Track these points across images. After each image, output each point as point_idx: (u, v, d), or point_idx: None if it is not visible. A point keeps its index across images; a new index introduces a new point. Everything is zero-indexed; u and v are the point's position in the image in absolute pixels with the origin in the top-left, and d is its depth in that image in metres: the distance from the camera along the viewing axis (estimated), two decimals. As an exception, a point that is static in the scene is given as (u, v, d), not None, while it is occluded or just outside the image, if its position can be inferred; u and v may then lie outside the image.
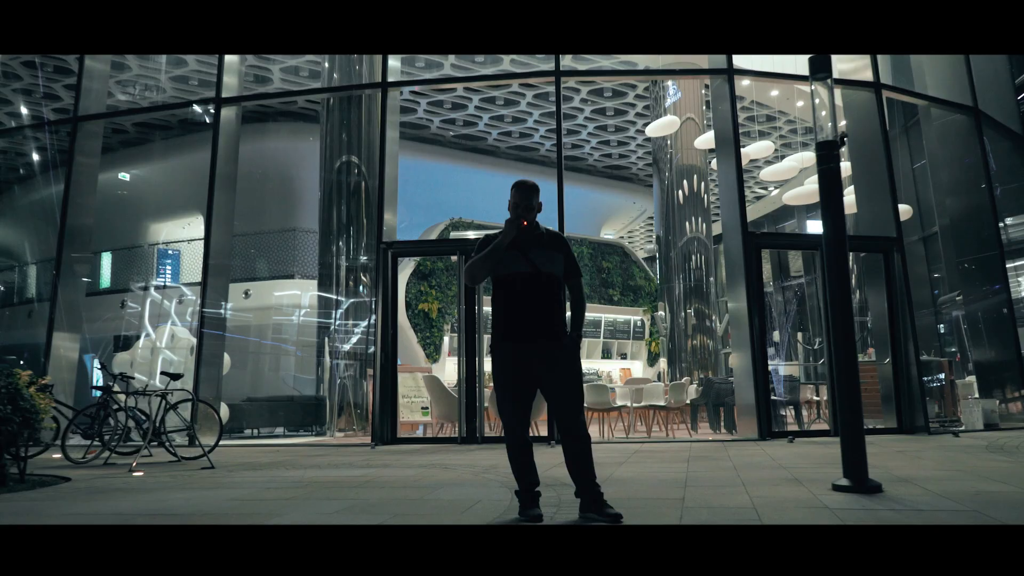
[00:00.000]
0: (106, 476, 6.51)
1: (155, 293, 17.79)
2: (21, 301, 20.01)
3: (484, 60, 16.01)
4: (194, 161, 17.59)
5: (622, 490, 4.70)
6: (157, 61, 15.72)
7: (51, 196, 14.88)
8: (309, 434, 12.28)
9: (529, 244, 3.89)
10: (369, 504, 4.35)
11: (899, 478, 5.07)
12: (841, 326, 4.75)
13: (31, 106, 16.87)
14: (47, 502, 4.83)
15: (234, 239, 12.15)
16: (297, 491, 5.04)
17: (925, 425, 9.65)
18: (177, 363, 12.13)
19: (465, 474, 5.89)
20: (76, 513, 4.29)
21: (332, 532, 3.39)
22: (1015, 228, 14.11)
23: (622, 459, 6.94)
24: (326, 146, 12.93)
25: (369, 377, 11.60)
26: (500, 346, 3.83)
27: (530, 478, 3.78)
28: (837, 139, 4.74)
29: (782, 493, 4.49)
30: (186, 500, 4.70)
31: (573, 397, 3.77)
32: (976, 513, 3.64)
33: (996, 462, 6.08)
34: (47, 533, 3.29)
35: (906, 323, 9.97)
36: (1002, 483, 4.76)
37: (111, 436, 8.01)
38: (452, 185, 20.02)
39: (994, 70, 13.26)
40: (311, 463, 7.25)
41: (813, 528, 3.34)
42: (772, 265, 20.43)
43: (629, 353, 19.65)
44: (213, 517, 3.96)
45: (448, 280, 16.24)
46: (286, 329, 17.12)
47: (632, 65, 15.56)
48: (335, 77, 13.24)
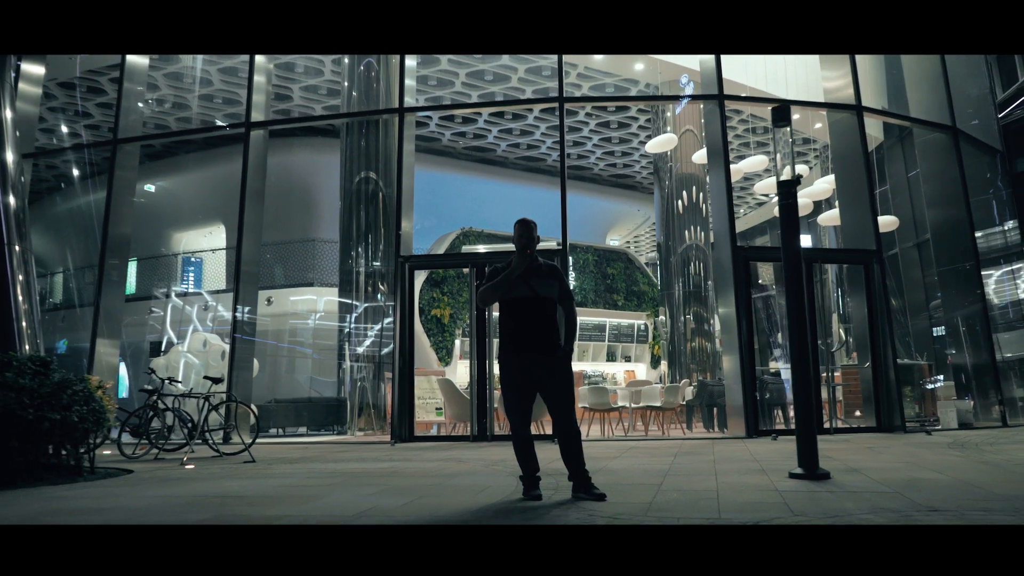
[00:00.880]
0: (162, 468, 7.40)
1: (176, 299, 18.74)
2: (55, 307, 20.93)
3: (493, 78, 16.85)
4: (215, 173, 18.56)
5: (612, 478, 5.53)
6: (185, 81, 16.64)
7: (87, 205, 15.84)
8: (330, 433, 13.13)
9: (531, 273, 4.74)
10: (399, 488, 5.20)
11: (850, 468, 5.89)
12: (798, 342, 5.56)
13: (69, 123, 17.81)
14: (125, 488, 5.70)
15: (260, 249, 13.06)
16: (335, 479, 5.90)
17: (902, 424, 10.45)
18: (212, 367, 13.01)
19: (477, 466, 6.74)
20: (154, 496, 5.16)
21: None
22: (994, 237, 14.79)
23: (617, 454, 7.78)
24: (346, 159, 13.75)
25: (387, 380, 12.48)
26: (506, 357, 4.69)
27: (531, 465, 4.64)
28: (794, 179, 5.56)
29: (745, 480, 5.32)
30: (243, 487, 5.57)
31: (566, 398, 4.62)
32: (898, 495, 4.45)
33: (946, 456, 6.87)
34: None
35: (885, 329, 10.77)
36: (937, 472, 5.57)
37: (158, 434, 8.90)
38: (463, 195, 20.88)
39: (977, 90, 14.04)
40: (339, 458, 8.12)
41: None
42: (775, 268, 21.22)
43: (633, 356, 20.46)
44: (272, 500, 4.82)
45: (459, 287, 17.10)
46: (305, 334, 18.00)
47: (627, 90, 16.39)
48: (354, 95, 14.06)
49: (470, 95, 17.48)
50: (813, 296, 10.92)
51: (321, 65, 16.32)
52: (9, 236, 10.46)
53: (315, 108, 18.26)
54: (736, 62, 13.26)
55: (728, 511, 3.91)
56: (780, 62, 14.01)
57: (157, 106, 17.54)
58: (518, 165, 22.13)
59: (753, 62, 14.03)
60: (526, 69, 16.34)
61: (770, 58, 13.91)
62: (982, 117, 14.00)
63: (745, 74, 14.38)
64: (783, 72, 14.09)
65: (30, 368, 6.40)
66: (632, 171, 23.12)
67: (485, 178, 21.53)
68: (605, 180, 23.80)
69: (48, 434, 6.17)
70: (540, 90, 17.13)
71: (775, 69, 14.11)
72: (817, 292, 15.47)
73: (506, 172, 21.96)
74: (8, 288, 10.32)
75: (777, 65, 14.07)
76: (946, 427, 11.10)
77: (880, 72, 13.80)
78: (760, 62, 14.09)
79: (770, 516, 3.72)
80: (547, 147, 21.03)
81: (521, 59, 15.92)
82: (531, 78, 16.71)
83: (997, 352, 12.04)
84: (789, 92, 13.78)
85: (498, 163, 21.95)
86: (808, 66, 13.57)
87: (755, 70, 14.31)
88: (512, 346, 4.69)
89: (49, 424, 6.09)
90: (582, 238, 21.24)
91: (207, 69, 16.17)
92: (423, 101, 17.46)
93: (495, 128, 19.75)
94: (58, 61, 15.03)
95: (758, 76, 14.46)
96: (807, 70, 13.72)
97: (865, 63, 12.66)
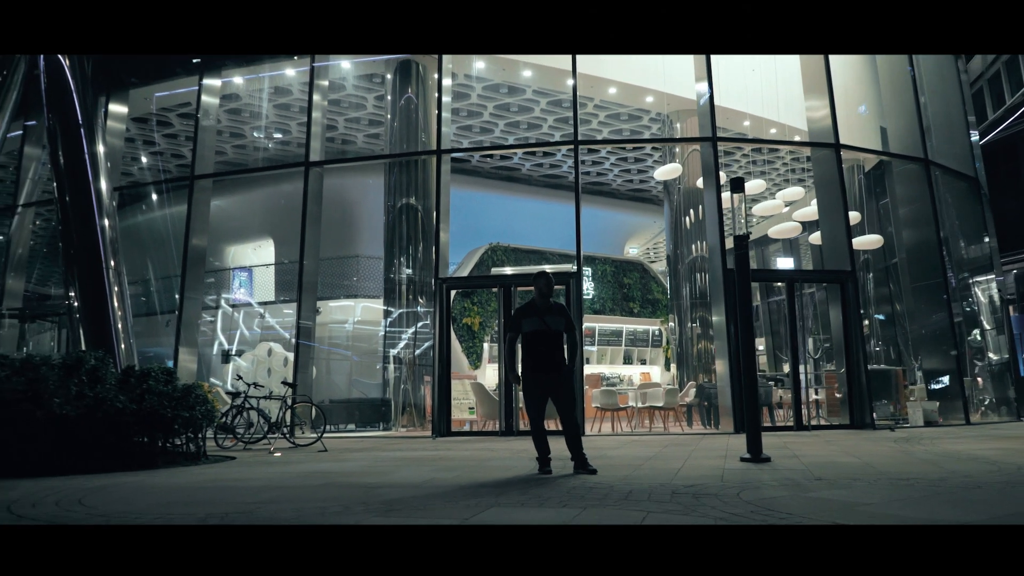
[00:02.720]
0: (256, 456, 9.33)
1: (227, 306, 20.83)
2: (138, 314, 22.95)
3: (518, 109, 18.66)
4: (264, 191, 20.59)
5: (607, 461, 7.34)
6: (243, 115, 18.66)
7: (156, 221, 17.86)
8: (376, 430, 15.04)
9: (544, 311, 6.57)
10: (447, 467, 7.06)
11: (792, 455, 7.65)
12: (746, 353, 7.33)
13: (145, 154, 19.91)
14: (242, 468, 7.62)
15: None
16: (397, 462, 7.77)
17: (871, 422, 12.14)
18: (276, 373, 15.01)
19: (505, 454, 8.59)
20: (271, 473, 7.05)
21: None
22: (974, 250, 16.33)
23: (619, 446, 9.59)
24: (389, 187, 15.64)
25: (425, 382, 14.38)
26: (527, 374, 6.55)
27: (545, 450, 6.48)
28: (746, 235, 7.32)
29: (706, 463, 7.10)
30: (332, 467, 7.45)
31: (569, 403, 6.47)
32: (806, 471, 6.19)
33: (880, 447, 8.59)
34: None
35: (858, 339, 12.46)
36: (855, 458, 7.30)
37: (244, 430, 10.87)
38: (491, 211, 22.68)
39: (954, 125, 15.63)
40: (393, 448, 10.01)
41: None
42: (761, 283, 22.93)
43: (648, 359, 22.20)
44: (361, 474, 6.68)
45: (488, 298, 18.98)
46: (347, 340, 19.94)
47: (639, 118, 18.15)
48: (395, 126, 15.87)
49: (497, 123, 19.32)
50: (794, 309, 12.59)
51: (364, 101, 18.24)
52: (105, 255, 12.57)
53: (358, 137, 20.21)
54: (733, 90, 14.95)
55: (677, 481, 5.70)
56: (772, 89, 15.61)
57: (217, 135, 19.57)
58: (541, 182, 23.92)
59: (748, 90, 15.70)
60: (548, 102, 18.14)
61: (764, 84, 15.52)
62: (960, 147, 15.56)
63: (746, 101, 16.14)
64: (774, 98, 15.72)
65: (162, 378, 8.36)
66: (648, 185, 24.78)
67: (511, 195, 23.34)
68: (623, 194, 25.49)
69: (180, 428, 8.12)
70: (560, 119, 18.91)
71: (768, 96, 15.75)
72: (804, 303, 17.13)
73: (530, 189, 23.76)
74: (106, 298, 12.42)
75: (769, 91, 15.67)
76: (914, 425, 12.74)
77: (860, 104, 15.41)
78: (756, 90, 15.74)
79: (703, 484, 5.50)
80: (568, 166, 22.77)
81: (543, 93, 17.70)
82: (552, 109, 18.49)
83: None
84: (781, 115, 15.44)
85: (523, 181, 23.76)
86: (796, 95, 15.22)
87: (749, 100, 16.03)
88: (531, 365, 6.55)
89: (181, 420, 8.04)
90: (601, 250, 23.01)
91: (262, 104, 18.17)
92: (456, 130, 19.34)
93: (520, 150, 21.56)
94: (136, 98, 17.11)
95: (752, 103, 16.19)
96: (797, 98, 15.38)
97: (846, 96, 14.35)
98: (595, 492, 5.10)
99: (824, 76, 13.52)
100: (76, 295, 12.34)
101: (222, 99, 17.31)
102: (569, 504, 4.56)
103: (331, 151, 21.10)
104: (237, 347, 19.08)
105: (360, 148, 20.85)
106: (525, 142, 20.43)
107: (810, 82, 13.96)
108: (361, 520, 4.12)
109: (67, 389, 7.53)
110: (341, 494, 5.26)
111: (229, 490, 5.74)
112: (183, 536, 3.69)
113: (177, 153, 20.54)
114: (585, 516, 4.12)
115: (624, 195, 25.51)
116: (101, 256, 12.58)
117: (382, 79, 16.91)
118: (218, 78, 15.74)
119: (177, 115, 18.40)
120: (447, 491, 5.34)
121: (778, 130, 19.02)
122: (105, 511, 4.65)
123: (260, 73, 16.64)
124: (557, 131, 20.07)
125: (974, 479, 5.52)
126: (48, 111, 13.04)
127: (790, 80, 14.79)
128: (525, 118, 19.06)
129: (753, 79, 15.66)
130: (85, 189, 12.90)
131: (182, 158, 20.69)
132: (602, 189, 24.90)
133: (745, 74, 15.64)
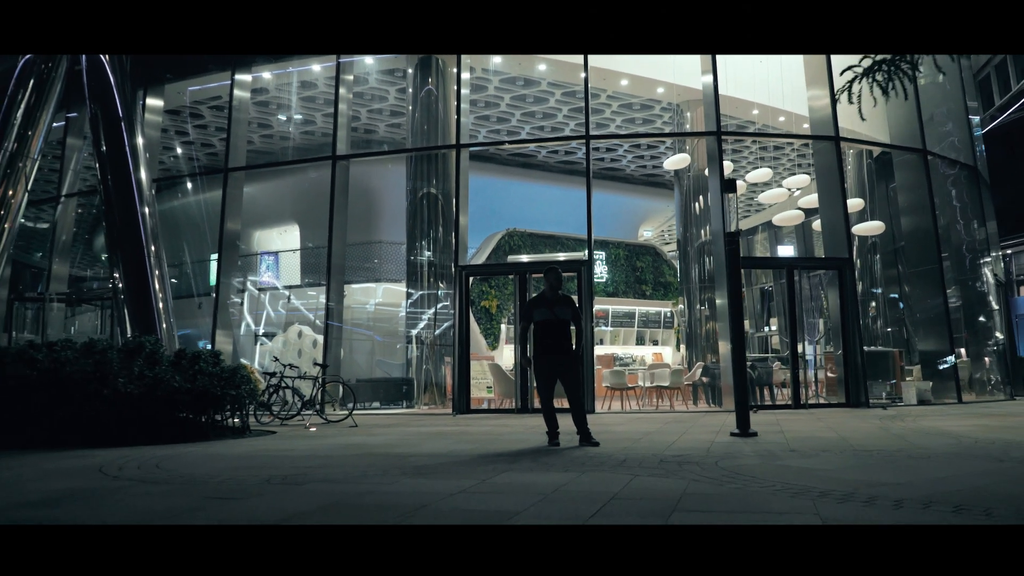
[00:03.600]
0: (293, 430, 10.27)
1: (253, 289, 21.78)
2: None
3: (533, 100, 19.36)
4: (290, 177, 21.46)
5: (610, 436, 8.19)
6: (270, 107, 19.52)
7: (190, 207, 18.76)
8: (399, 407, 15.97)
9: (554, 303, 7.40)
10: (468, 440, 7.93)
11: (779, 431, 8.45)
12: (735, 338, 8.12)
13: (179, 145, 20.84)
14: (285, 440, 8.54)
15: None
16: (423, 436, 8.66)
17: (866, 401, 12.89)
18: (306, 354, 15.98)
19: (520, 429, 9.47)
20: (314, 444, 7.95)
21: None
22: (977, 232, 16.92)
23: (624, 422, 10.44)
24: (411, 176, 16.46)
25: (447, 363, 15.28)
26: (538, 356, 7.39)
27: (554, 425, 7.34)
28: (737, 232, 8.08)
29: (699, 437, 7.92)
30: (366, 440, 8.36)
31: (575, 384, 7.32)
32: (784, 444, 7.00)
33: (863, 424, 9.36)
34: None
35: (854, 323, 13.18)
36: (834, 433, 8.09)
37: (280, 407, 11.82)
38: (508, 197, 23.46)
39: (950, 113, 16.16)
40: (418, 424, 10.92)
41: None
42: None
43: (660, 340, 22.99)
44: (393, 445, 7.58)
45: (504, 282, 19.82)
46: (371, 322, 20.86)
47: (651, 108, 18.79)
48: (416, 117, 16.65)
49: (514, 113, 20.06)
50: (793, 295, 13.32)
51: (386, 93, 19.04)
52: (146, 240, 13.50)
53: (379, 126, 21.03)
54: (742, 80, 15.59)
55: (668, 452, 6.53)
56: (779, 78, 16.18)
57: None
58: (556, 168, 24.64)
59: (756, 79, 16.30)
60: (562, 93, 18.84)
61: (772, 73, 16.09)
62: (960, 136, 16.13)
63: (754, 90, 16.78)
64: (782, 87, 16.30)
65: (211, 360, 9.28)
66: (660, 170, 25.42)
67: (527, 181, 24.10)
68: (636, 179, 26.16)
69: (228, 405, 9.06)
70: (574, 108, 19.60)
71: (776, 85, 16.34)
72: (814, 285, 17.83)
73: (546, 175, 24.49)
74: (149, 281, 13.37)
75: (776, 80, 16.24)
76: (908, 404, 13.48)
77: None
78: (764, 79, 16.33)
79: (689, 454, 6.33)
80: (582, 153, 23.46)
81: (557, 85, 18.41)
82: (566, 99, 19.20)
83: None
84: (789, 104, 16.07)
85: (539, 167, 24.50)
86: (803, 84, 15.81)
87: (757, 89, 16.66)
88: (542, 350, 7.39)
89: (229, 398, 8.97)
90: (615, 234, 23.76)
91: (290, 97, 19.02)
92: (474, 120, 20.10)
93: (535, 142, 22.29)
94: (171, 92, 18.01)
95: (760, 91, 16.83)
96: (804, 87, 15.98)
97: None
98: (594, 460, 5.96)
99: (825, 67, 14.10)
100: (120, 278, 13.26)
101: (252, 92, 18.17)
102: (570, 470, 5.41)
103: (354, 140, 21.90)
104: (264, 328, 20.05)
105: (382, 136, 21.66)
106: (540, 135, 21.20)
107: (811, 73, 14.57)
108: (397, 480, 4.99)
109: (130, 370, 8.47)
110: (377, 461, 6.14)
111: (281, 457, 6.64)
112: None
113: (207, 143, 21.46)
114: (582, 479, 4.97)
115: (638, 180, 26.18)
116: (143, 242, 13.54)
117: (404, 73, 17.67)
118: (248, 73, 16.60)
119: (208, 107, 19.29)
120: (468, 459, 6.21)
121: (786, 118, 19.61)
122: (183, 473, 5.56)
123: (288, 68, 17.47)
124: (572, 120, 20.76)
125: (928, 451, 6.31)
126: (90, 105, 13.94)
127: (797, 69, 15.35)
128: (540, 108, 19.77)
129: (761, 68, 16.24)
130: (127, 180, 13.81)
131: (211, 147, 21.63)
132: (616, 175, 25.58)
133: (753, 64, 16.22)
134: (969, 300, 16.25)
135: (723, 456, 6.13)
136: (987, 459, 5.75)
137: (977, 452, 6.20)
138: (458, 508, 3.95)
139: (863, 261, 19.08)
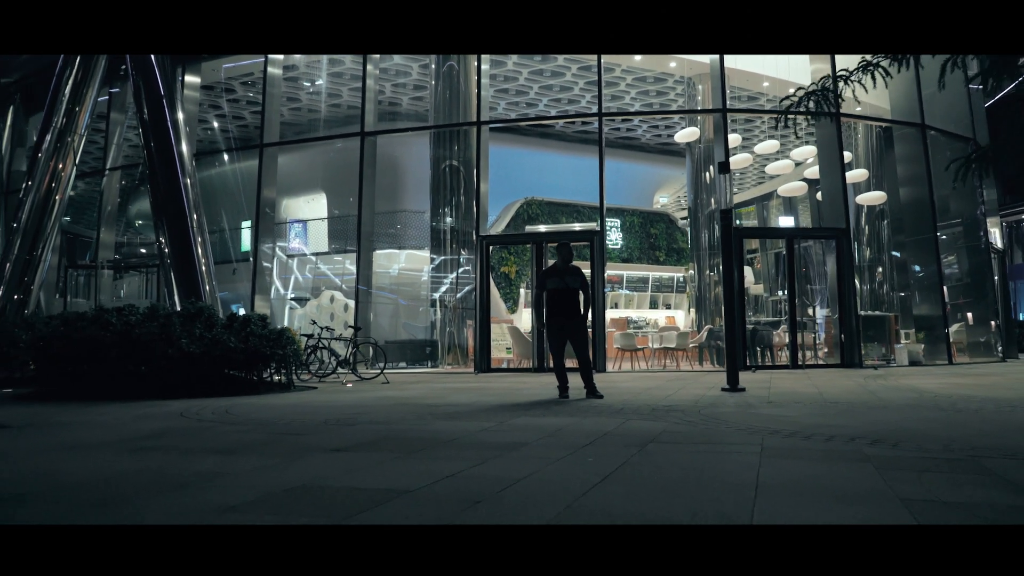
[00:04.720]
0: (332, 387, 11.42)
1: (282, 255, 22.91)
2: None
3: (551, 75, 20.15)
4: (318, 149, 22.47)
5: (615, 390, 9.23)
6: (300, 82, 20.46)
7: (231, 173, 19.81)
8: (424, 367, 17.11)
9: (564, 273, 8.42)
10: (490, 393, 9.01)
11: (767, 387, 9.45)
12: (728, 303, 9.09)
13: (214, 119, 21.87)
14: (327, 394, 9.66)
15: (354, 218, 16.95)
16: (449, 391, 9.75)
17: (859, 362, 13.84)
18: (338, 317, 17.13)
19: (536, 385, 10.54)
20: (357, 397, 9.06)
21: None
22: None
23: (630, 380, 11.48)
24: (434, 147, 17.40)
25: (469, 326, 16.37)
26: (550, 320, 8.44)
27: (564, 380, 8.42)
28: (731, 208, 8.99)
29: (693, 392, 8.94)
30: (400, 395, 9.46)
31: (583, 344, 8.39)
32: (764, 398, 8.00)
33: (847, 382, 10.33)
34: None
35: (851, 288, 14.07)
36: (815, 389, 9.07)
37: (317, 366, 12.97)
38: (526, 166, 24.33)
39: (949, 87, 16.74)
40: (444, 381, 12.03)
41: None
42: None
43: (673, 304, 23.95)
44: (424, 398, 8.67)
45: (523, 249, 20.82)
46: (396, 287, 21.98)
47: (664, 80, 19.52)
48: (439, 90, 17.54)
49: (532, 87, 20.86)
50: (792, 262, 14.21)
51: (409, 69, 19.91)
52: (189, 209, 14.59)
53: (403, 99, 21.91)
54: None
55: (662, 403, 7.56)
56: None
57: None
58: (573, 138, 25.42)
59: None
60: (578, 67, 19.61)
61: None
62: (959, 110, 16.77)
63: (763, 62, 17.48)
64: (787, 59, 16.97)
65: (260, 323, 10.41)
66: (674, 139, 26.13)
67: (545, 151, 24.92)
68: (651, 148, 26.88)
69: (276, 363, 10.21)
70: (590, 82, 20.35)
71: (782, 59, 17.03)
72: (818, 255, 18.65)
73: (563, 145, 25.28)
74: (192, 247, 14.49)
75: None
76: (900, 364, 14.40)
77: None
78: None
79: (678, 405, 7.35)
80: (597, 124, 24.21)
81: (573, 60, 19.17)
82: (582, 74, 19.96)
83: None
84: (796, 75, 16.76)
85: (556, 137, 25.30)
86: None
87: (766, 61, 17.36)
88: (553, 313, 8.43)
89: (277, 357, 10.11)
90: (630, 202, 24.61)
91: (317, 72, 19.94)
92: (494, 93, 20.92)
93: (554, 109, 23.09)
94: (207, 70, 19.00)
95: (769, 64, 17.54)
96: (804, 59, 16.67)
97: (849, 61, 15.58)
98: (596, 409, 7.01)
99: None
100: (166, 245, 14.38)
101: (283, 69, 19.10)
102: (574, 416, 6.47)
103: (380, 112, 22.83)
104: (293, 293, 21.21)
105: (406, 109, 22.54)
106: (557, 111, 21.98)
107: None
108: (432, 422, 6.07)
109: (191, 332, 9.61)
110: (413, 410, 7.24)
111: (328, 407, 7.76)
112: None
113: (238, 116, 22.46)
114: (583, 422, 6.02)
115: (652, 148, 26.90)
116: (186, 212, 14.65)
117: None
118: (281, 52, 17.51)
119: (240, 83, 20.27)
120: (489, 408, 7.29)
121: (795, 91, 20.16)
122: (251, 417, 6.68)
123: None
124: (588, 92, 21.50)
125: (888, 403, 7.29)
126: (134, 83, 14.96)
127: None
128: (557, 82, 20.55)
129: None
130: (169, 153, 14.87)
131: (243, 119, 22.63)
132: (631, 144, 26.30)
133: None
134: (968, 267, 17.03)
135: (707, 406, 7.15)
136: (934, 409, 6.72)
137: (929, 404, 7.17)
138: (482, 441, 5.01)
139: (871, 228, 19.85)
